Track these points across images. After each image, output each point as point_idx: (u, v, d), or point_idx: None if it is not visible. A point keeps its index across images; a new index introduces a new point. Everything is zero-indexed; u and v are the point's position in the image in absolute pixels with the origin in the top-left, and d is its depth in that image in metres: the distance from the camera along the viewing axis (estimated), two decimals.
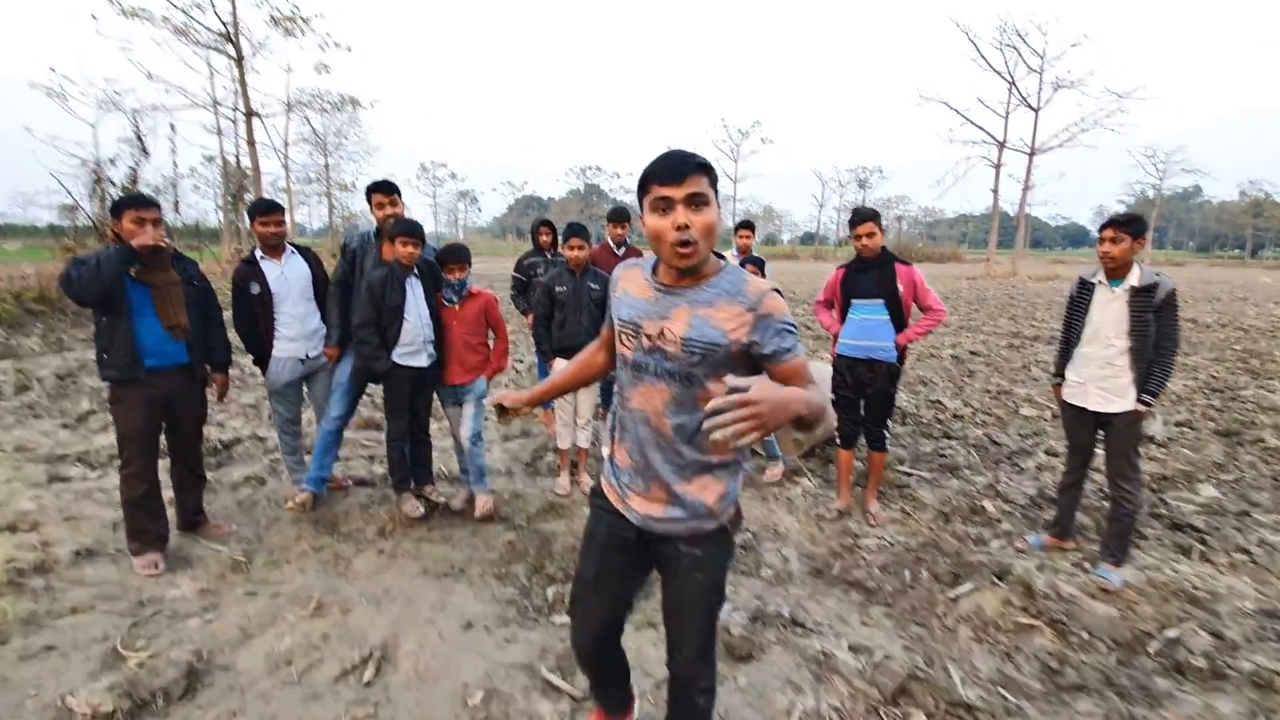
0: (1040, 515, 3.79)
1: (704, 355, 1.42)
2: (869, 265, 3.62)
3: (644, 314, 1.50)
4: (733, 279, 1.45)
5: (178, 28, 13.97)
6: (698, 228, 1.35)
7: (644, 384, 1.52)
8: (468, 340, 3.59)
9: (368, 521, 3.59)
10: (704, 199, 1.36)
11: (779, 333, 1.41)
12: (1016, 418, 5.92)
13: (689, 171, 1.35)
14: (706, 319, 1.41)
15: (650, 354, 1.49)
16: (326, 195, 44.80)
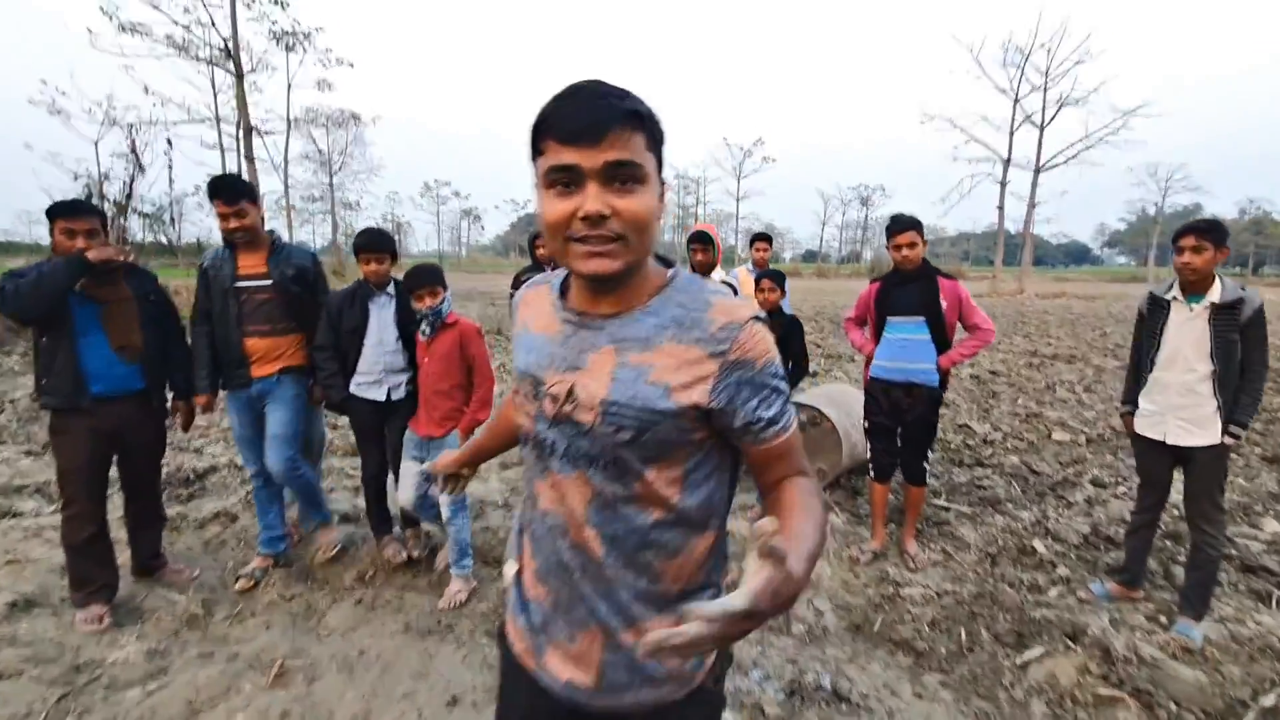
0: (1098, 557, 3.39)
1: (637, 430, 0.89)
2: (908, 279, 3.25)
3: (546, 361, 0.98)
4: (687, 299, 0.93)
5: (177, 43, 13.83)
6: (624, 219, 0.84)
7: (552, 474, 0.99)
8: (437, 384, 2.86)
9: (347, 565, 3.20)
10: (635, 172, 0.84)
11: (761, 393, 0.90)
12: (1050, 443, 5.53)
13: (612, 124, 0.82)
14: (640, 369, 0.90)
15: (556, 426, 0.96)
16: (330, 213, 44.90)
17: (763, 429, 0.91)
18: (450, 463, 1.40)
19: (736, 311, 0.91)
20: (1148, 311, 2.81)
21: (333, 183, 44.08)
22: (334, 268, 24.31)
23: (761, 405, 0.90)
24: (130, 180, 12.93)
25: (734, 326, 0.89)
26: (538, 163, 0.88)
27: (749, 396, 0.89)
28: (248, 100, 14.78)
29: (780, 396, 0.93)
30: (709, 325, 0.89)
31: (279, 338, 3.00)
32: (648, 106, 0.88)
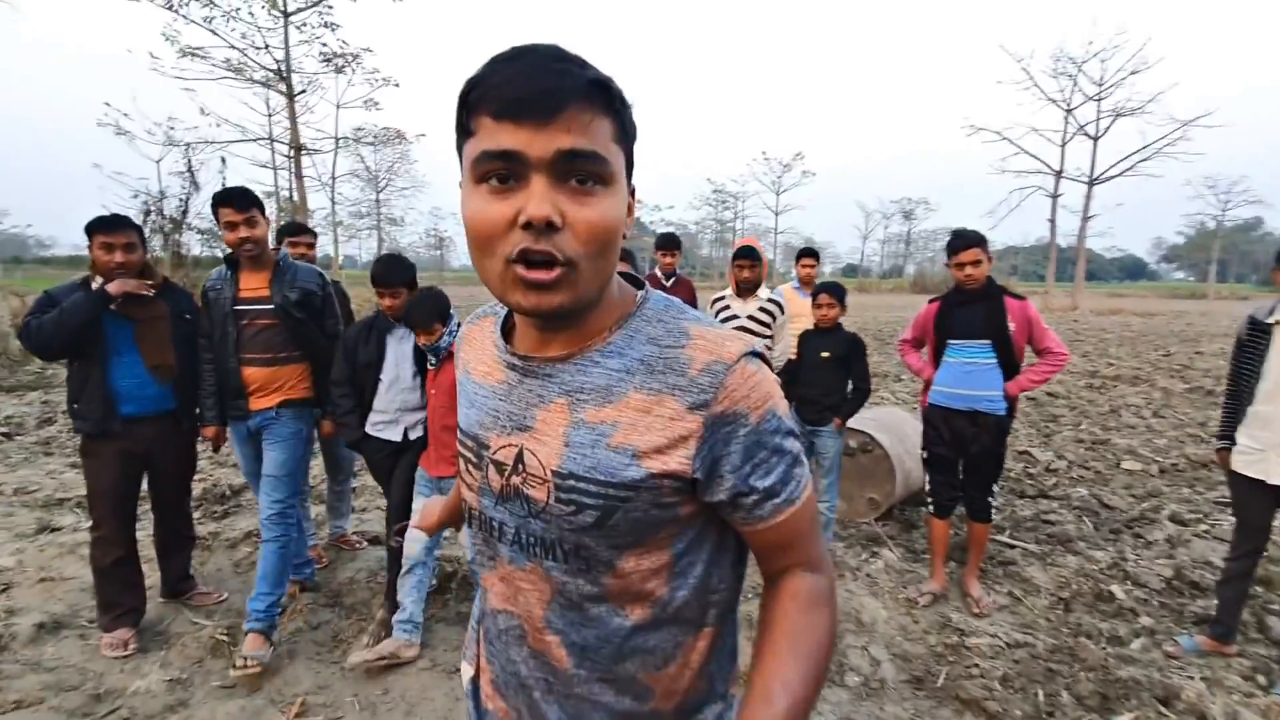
0: (1184, 605, 3.07)
1: (602, 511, 0.69)
2: (971, 298, 3.01)
3: (489, 419, 0.78)
4: (659, 331, 0.72)
5: (233, 66, 14.35)
6: (579, 233, 0.63)
7: (501, 563, 0.79)
8: (445, 418, 2.57)
9: (375, 591, 3.09)
10: (599, 167, 0.63)
11: (756, 455, 0.69)
12: (1119, 473, 5.15)
13: (571, 97, 0.61)
14: (599, 429, 0.69)
15: (504, 503, 0.76)
16: (376, 229, 46.15)
17: (756, 504, 0.70)
18: (434, 525, 1.21)
19: (723, 346, 0.68)
20: (1247, 337, 2.52)
21: (379, 199, 45.40)
22: None
23: (756, 472, 0.69)
24: (186, 198, 13.42)
25: (719, 367, 0.67)
26: (465, 148, 0.65)
27: (740, 461, 0.68)
28: (298, 119, 15.26)
29: (784, 460, 0.70)
30: (687, 366, 0.67)
31: (279, 367, 2.72)
32: (606, 76, 0.65)
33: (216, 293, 2.71)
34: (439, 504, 1.20)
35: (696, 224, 72.72)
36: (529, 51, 0.62)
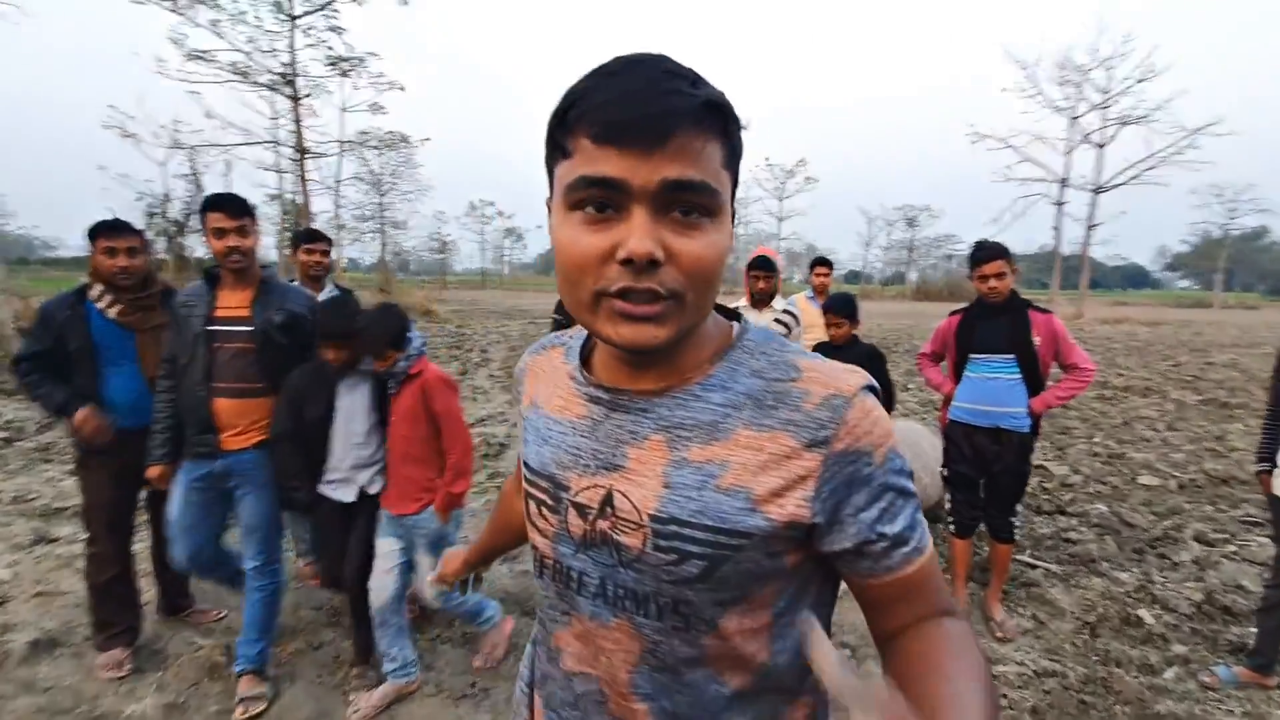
0: (1218, 632, 2.96)
1: (710, 561, 0.63)
2: (994, 311, 2.92)
3: (567, 457, 0.71)
4: (764, 364, 0.66)
5: (239, 70, 14.34)
6: (684, 268, 0.57)
7: (580, 619, 0.71)
8: (406, 448, 2.33)
9: None
10: (708, 199, 0.58)
11: (882, 499, 0.62)
12: (1136, 488, 5.04)
13: (681, 120, 0.55)
14: (706, 469, 0.63)
15: (587, 550, 0.69)
16: (379, 232, 46.22)
17: (885, 552, 0.63)
18: (458, 569, 1.17)
19: (840, 380, 0.63)
20: None
21: (382, 202, 45.45)
22: (380, 284, 24.84)
23: (883, 517, 0.62)
24: (190, 200, 13.41)
25: (839, 401, 0.61)
26: (557, 170, 0.60)
27: (864, 504, 0.62)
28: (305, 124, 15.24)
29: (909, 504, 0.64)
30: (802, 401, 0.62)
31: (254, 400, 2.35)
32: (721, 95, 0.59)
33: (189, 310, 2.34)
34: (459, 554, 1.17)
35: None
36: (635, 64, 0.57)
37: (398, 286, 26.10)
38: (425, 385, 2.31)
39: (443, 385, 2.35)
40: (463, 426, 2.39)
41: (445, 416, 2.33)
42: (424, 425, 2.33)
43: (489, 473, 5.20)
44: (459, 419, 2.36)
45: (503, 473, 5.20)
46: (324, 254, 3.35)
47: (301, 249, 3.24)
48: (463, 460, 2.37)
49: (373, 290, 23.74)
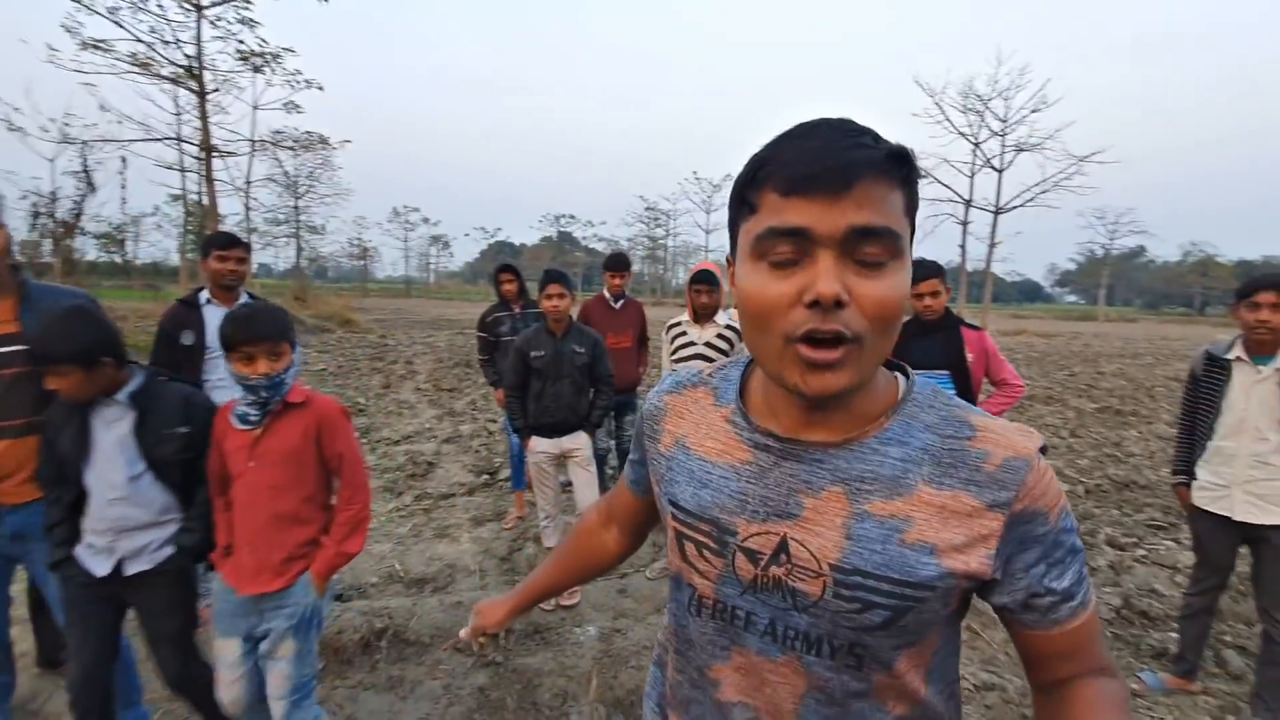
0: (1139, 637, 3.09)
1: (894, 611, 0.65)
2: (929, 329, 2.97)
3: (733, 502, 0.73)
4: (935, 419, 0.69)
5: (139, 60, 13.25)
6: (868, 310, 0.60)
7: (745, 653, 0.74)
8: (276, 504, 1.78)
9: None
10: (891, 244, 0.61)
11: (1054, 554, 0.66)
12: None
13: (865, 170, 0.59)
14: (891, 524, 0.66)
15: (758, 594, 0.71)
16: (295, 237, 43.88)
17: (1052, 607, 0.67)
18: (501, 620, 1.07)
19: (1017, 442, 0.67)
20: (1203, 373, 2.55)
21: (298, 205, 43.16)
22: (296, 293, 23.50)
23: (1053, 572, 0.67)
24: (81, 199, 12.23)
25: (1020, 464, 0.65)
26: (745, 226, 0.66)
27: (1035, 560, 0.66)
28: (212, 120, 14.22)
29: (1077, 560, 0.68)
30: (981, 461, 0.66)
31: (32, 438, 1.91)
32: (905, 148, 0.63)
33: None
34: (503, 604, 1.07)
35: (629, 240, 73.14)
36: (819, 125, 0.62)
37: (314, 294, 24.79)
38: (321, 417, 1.82)
39: (340, 417, 1.88)
40: (363, 468, 1.92)
41: (347, 457, 1.86)
42: (311, 468, 1.82)
43: (416, 494, 4.90)
44: (360, 459, 1.91)
45: (430, 493, 4.91)
46: (240, 261, 2.98)
47: (213, 255, 2.87)
48: (364, 510, 1.90)
49: (286, 298, 22.43)
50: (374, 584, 3.46)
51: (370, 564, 3.67)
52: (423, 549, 3.91)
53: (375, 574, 3.56)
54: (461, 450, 6.16)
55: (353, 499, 1.88)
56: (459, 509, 4.61)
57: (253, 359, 1.73)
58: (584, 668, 2.70)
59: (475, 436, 6.62)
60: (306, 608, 1.81)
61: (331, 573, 1.86)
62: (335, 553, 1.83)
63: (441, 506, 4.67)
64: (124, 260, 18.41)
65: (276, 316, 1.78)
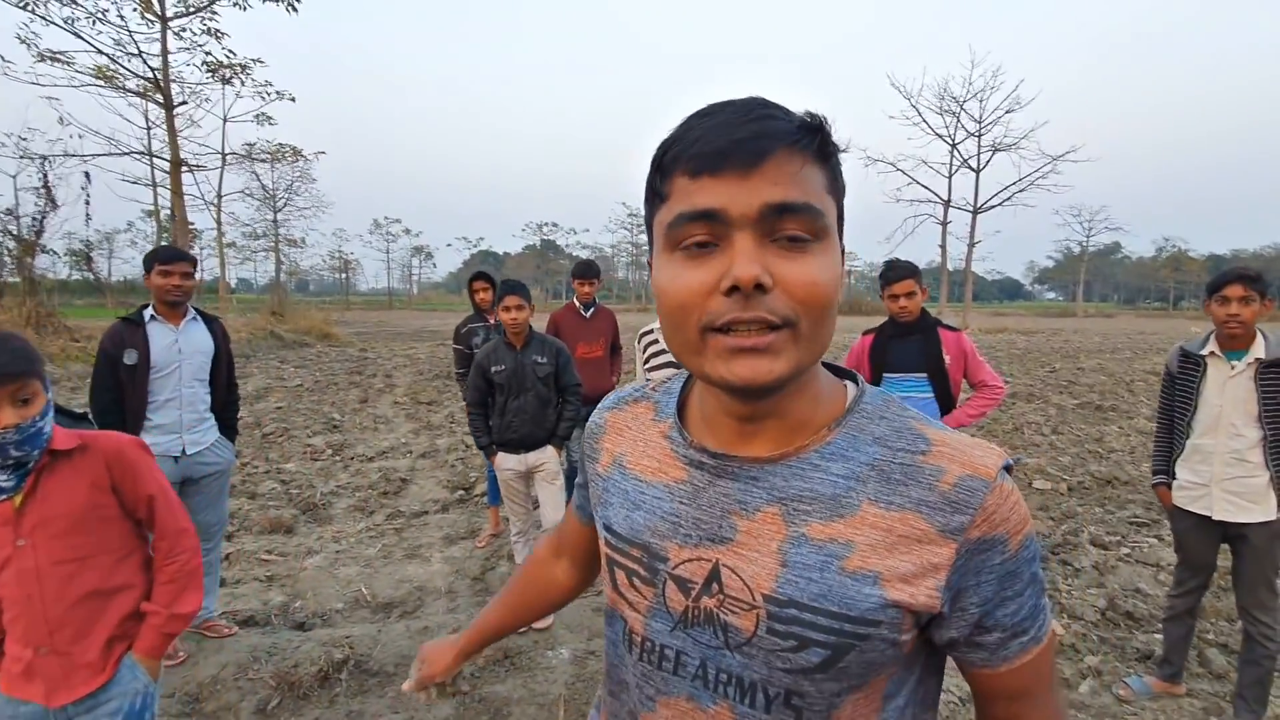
0: (1125, 640, 3.03)
1: (833, 649, 0.57)
2: (906, 331, 2.91)
3: (665, 525, 0.66)
4: (887, 430, 0.61)
5: (102, 73, 12.99)
6: (794, 292, 0.54)
7: (675, 701, 0.65)
8: (76, 584, 1.41)
9: (244, 692, 2.57)
10: (813, 221, 0.54)
11: (1011, 588, 0.58)
12: (1032, 492, 5.26)
13: (777, 141, 0.54)
14: (830, 549, 0.58)
15: (689, 630, 0.63)
16: (274, 250, 43.36)
17: (1002, 643, 0.60)
18: (449, 666, 0.94)
19: (977, 459, 0.58)
20: (1178, 370, 2.50)
21: (276, 219, 42.68)
22: (274, 308, 23.13)
23: (1006, 606, 0.59)
24: (41, 216, 11.91)
25: (977, 484, 0.57)
26: (656, 217, 0.60)
27: (991, 594, 0.58)
28: (182, 133, 13.96)
29: (1035, 591, 0.60)
30: (935, 479, 0.58)
31: None
32: (820, 117, 0.57)
33: None
34: (446, 648, 0.94)
35: (612, 247, 73.16)
36: (728, 104, 0.57)
37: (293, 308, 24.43)
38: (110, 462, 1.45)
39: (135, 450, 1.51)
40: (179, 509, 1.55)
41: (160, 501, 1.50)
42: (115, 529, 1.47)
43: (388, 512, 4.76)
44: (174, 497, 1.55)
45: (403, 512, 4.77)
46: (185, 276, 2.84)
47: (156, 270, 2.74)
48: (192, 562, 1.52)
49: (263, 313, 22.07)
50: (339, 610, 3.32)
51: (336, 588, 3.53)
52: (391, 571, 3.77)
53: (341, 599, 3.42)
54: (437, 465, 6.01)
55: (173, 550, 1.50)
56: (431, 527, 4.48)
57: None
58: (556, 694, 2.59)
59: (452, 451, 6.48)
60: (136, 698, 1.44)
61: (165, 646, 1.48)
62: (166, 619, 1.46)
63: (414, 525, 4.53)
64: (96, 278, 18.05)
65: (16, 349, 1.35)
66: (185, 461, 2.79)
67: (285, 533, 4.31)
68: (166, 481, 1.56)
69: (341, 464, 6.01)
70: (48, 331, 11.11)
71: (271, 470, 5.71)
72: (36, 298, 11.41)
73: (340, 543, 4.19)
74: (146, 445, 1.56)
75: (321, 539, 4.24)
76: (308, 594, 3.46)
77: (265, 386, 10.42)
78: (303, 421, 7.78)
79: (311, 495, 5.00)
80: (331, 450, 6.43)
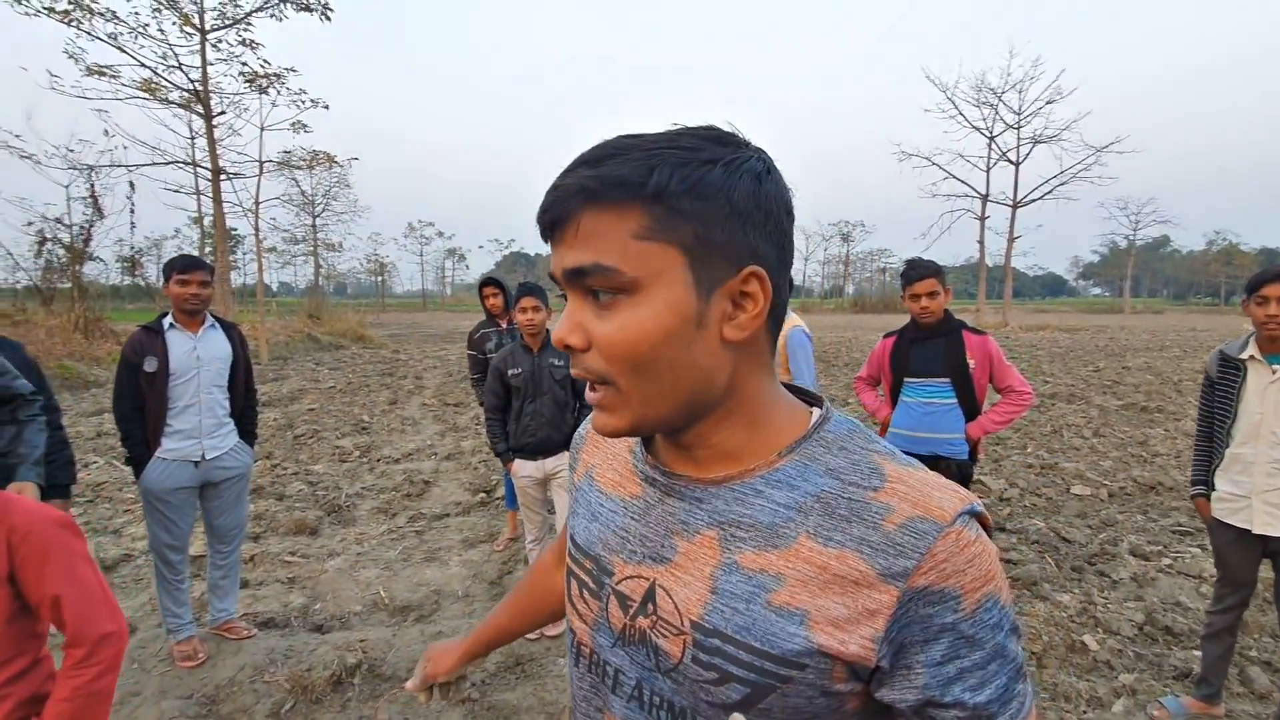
0: (1162, 656, 2.88)
1: (753, 687, 0.54)
2: (929, 333, 2.81)
3: (615, 538, 0.65)
4: (843, 461, 0.57)
5: (146, 86, 13.45)
6: (602, 351, 0.54)
7: (613, 715, 0.64)
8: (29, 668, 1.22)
9: (259, 695, 2.61)
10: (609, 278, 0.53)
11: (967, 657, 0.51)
12: (1070, 498, 5.06)
13: (567, 207, 0.53)
14: (759, 580, 0.55)
15: (625, 647, 0.62)
16: (313, 255, 44.52)
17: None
18: (453, 666, 0.96)
19: (931, 498, 0.53)
20: (1218, 375, 2.36)
21: (315, 223, 43.86)
22: (311, 311, 23.69)
23: (964, 679, 0.51)
24: (88, 225, 12.39)
25: (927, 527, 0.51)
26: None
27: (941, 658, 0.51)
28: (222, 142, 14.39)
29: (1005, 670, 0.52)
30: (881, 517, 0.53)
31: None
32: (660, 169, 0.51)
33: None
34: (455, 649, 0.97)
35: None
36: (583, 154, 0.55)
37: (330, 311, 25.00)
38: (12, 541, 1.18)
39: (58, 532, 1.23)
40: (106, 605, 1.24)
41: (69, 600, 1.20)
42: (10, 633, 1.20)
43: (410, 514, 4.81)
44: (101, 594, 1.25)
45: (425, 514, 4.81)
46: (202, 284, 2.90)
47: (174, 279, 2.80)
48: (104, 678, 1.21)
49: (302, 316, 22.63)
50: (357, 612, 3.35)
51: (355, 591, 3.57)
52: (410, 574, 3.80)
53: (359, 602, 3.45)
54: (460, 468, 6.06)
55: (87, 659, 1.18)
56: (451, 530, 4.51)
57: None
58: (565, 702, 2.57)
59: (476, 453, 6.52)
60: None
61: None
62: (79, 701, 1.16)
63: (435, 528, 4.57)
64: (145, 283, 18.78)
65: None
66: (205, 466, 2.84)
67: (309, 534, 4.38)
68: (92, 573, 1.26)
69: (368, 466, 6.10)
70: (95, 335, 11.55)
71: (300, 472, 5.82)
72: (84, 303, 11.87)
73: (362, 545, 4.24)
74: (75, 526, 1.28)
75: (344, 541, 4.30)
76: (327, 596, 3.50)
77: (300, 389, 10.67)
78: (333, 423, 7.93)
79: (337, 497, 5.09)
80: (359, 452, 6.54)
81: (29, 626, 1.22)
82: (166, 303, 2.91)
